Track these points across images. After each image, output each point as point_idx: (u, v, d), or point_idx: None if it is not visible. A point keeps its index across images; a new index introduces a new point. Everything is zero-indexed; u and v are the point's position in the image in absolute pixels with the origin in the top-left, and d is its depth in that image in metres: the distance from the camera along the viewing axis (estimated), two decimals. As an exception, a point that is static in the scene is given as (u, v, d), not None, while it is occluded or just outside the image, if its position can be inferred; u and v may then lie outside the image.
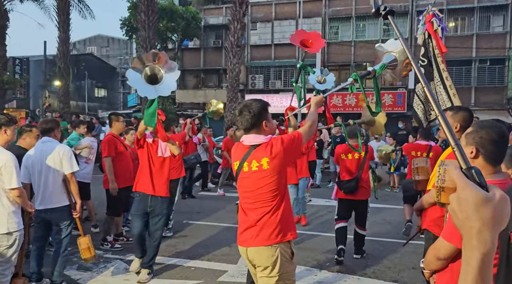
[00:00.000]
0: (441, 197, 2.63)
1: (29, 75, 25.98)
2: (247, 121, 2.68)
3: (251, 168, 2.68)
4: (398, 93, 21.89)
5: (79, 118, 16.03)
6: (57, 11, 19.01)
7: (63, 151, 4.08)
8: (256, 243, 2.64)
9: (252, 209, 2.70)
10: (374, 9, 1.14)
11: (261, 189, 2.65)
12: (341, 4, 23.69)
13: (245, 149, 2.74)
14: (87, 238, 4.25)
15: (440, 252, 1.87)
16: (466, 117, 3.11)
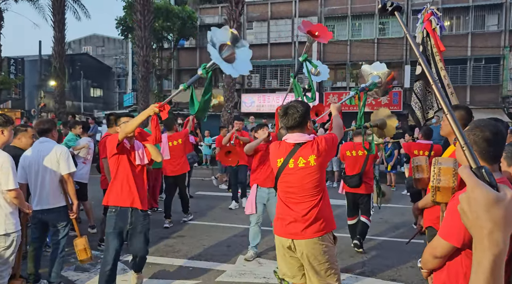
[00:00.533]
0: (436, 196, 2.65)
1: (24, 75, 25.83)
2: (295, 120, 2.89)
3: (297, 164, 2.90)
4: (394, 92, 21.95)
5: (74, 118, 15.96)
6: (52, 11, 18.92)
7: (60, 151, 4.06)
8: (307, 236, 2.87)
9: (297, 203, 2.92)
10: (380, 4, 1.11)
11: (307, 184, 2.89)
12: (337, 3, 23.73)
13: (290, 147, 2.96)
14: (84, 239, 4.23)
15: (437, 251, 1.88)
16: (464, 116, 3.13)
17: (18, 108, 28.24)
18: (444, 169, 2.62)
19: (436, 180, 2.62)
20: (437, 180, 2.61)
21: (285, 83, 24.24)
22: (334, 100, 22.57)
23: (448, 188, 2.60)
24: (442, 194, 2.61)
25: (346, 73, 23.97)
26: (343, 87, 23.77)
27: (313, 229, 2.87)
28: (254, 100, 23.91)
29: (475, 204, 0.74)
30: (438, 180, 2.60)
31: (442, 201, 2.71)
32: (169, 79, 26.96)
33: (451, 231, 1.77)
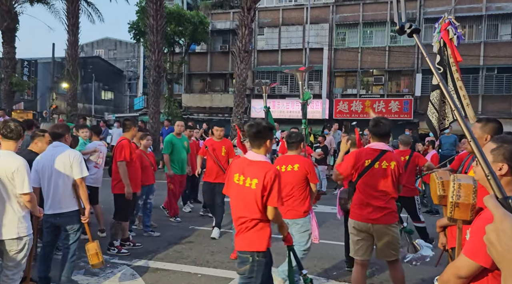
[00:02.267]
0: (454, 213, 2.60)
1: (37, 77, 26.19)
2: (387, 131, 3.80)
3: (381, 166, 3.75)
4: (405, 100, 21.84)
5: (85, 120, 16.11)
6: (66, 15, 19.18)
7: (74, 155, 4.09)
8: (386, 221, 3.75)
9: (375, 197, 3.75)
10: (398, 26, 1.10)
11: (386, 183, 3.74)
12: (348, 10, 23.72)
13: (376, 153, 3.79)
14: (95, 244, 4.25)
15: (461, 271, 1.79)
16: (496, 129, 3.01)
17: (30, 109, 28.63)
18: (464, 186, 2.56)
19: (456, 196, 2.56)
20: (457, 196, 2.55)
21: (295, 89, 24.23)
22: (344, 107, 22.52)
23: (468, 205, 2.54)
24: (461, 210, 2.55)
25: (356, 80, 23.90)
26: (353, 94, 23.70)
27: (390, 218, 3.76)
28: (264, 106, 23.93)
29: (505, 237, 0.72)
30: (457, 197, 2.55)
31: (460, 218, 2.64)
32: (179, 83, 27.12)
33: (480, 250, 1.69)
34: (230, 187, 3.22)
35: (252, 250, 3.02)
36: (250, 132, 3.11)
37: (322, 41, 23.82)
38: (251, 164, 3.09)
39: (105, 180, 7.26)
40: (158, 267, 5.15)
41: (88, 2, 21.48)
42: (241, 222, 3.09)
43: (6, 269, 3.47)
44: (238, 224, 3.11)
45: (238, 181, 3.11)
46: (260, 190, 2.96)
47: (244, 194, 3.05)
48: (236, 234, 3.16)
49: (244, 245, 3.06)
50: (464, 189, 2.60)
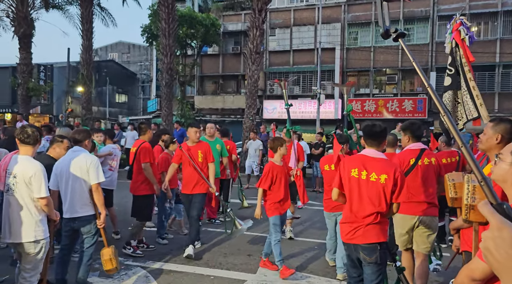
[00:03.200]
0: (470, 215, 2.56)
1: (53, 82, 26.65)
2: (422, 132, 4.44)
3: (424, 162, 4.14)
4: (419, 99, 21.59)
5: (100, 123, 16.34)
6: (81, 20, 19.50)
7: (91, 161, 4.16)
8: (431, 213, 4.14)
9: (421, 193, 4.12)
10: (383, 30, 1.07)
11: (430, 178, 4.14)
12: (360, 9, 23.57)
13: (417, 152, 4.18)
14: (110, 249, 4.30)
15: (475, 273, 1.77)
16: (508, 129, 2.92)
17: (46, 113, 29.13)
18: (478, 188, 2.52)
19: (471, 199, 2.51)
20: (472, 199, 2.51)
21: (307, 90, 24.18)
22: (356, 107, 22.36)
23: None
24: (476, 213, 2.51)
25: (369, 80, 23.72)
26: (366, 94, 23.53)
27: (435, 210, 4.18)
28: (276, 107, 23.95)
29: (504, 244, 0.71)
30: (472, 199, 2.50)
31: (476, 220, 2.60)
32: (192, 85, 27.31)
33: None
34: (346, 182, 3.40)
35: (380, 241, 3.29)
36: (372, 131, 3.38)
37: (334, 41, 23.71)
38: (373, 160, 3.33)
39: (119, 183, 7.36)
40: (172, 269, 5.20)
41: (101, 7, 21.82)
42: (365, 216, 3.29)
43: (23, 271, 3.55)
44: (361, 218, 3.30)
45: (359, 176, 3.32)
46: (391, 185, 3.24)
47: (368, 188, 3.28)
48: (356, 228, 3.31)
49: (371, 236, 3.29)
50: (479, 191, 2.56)
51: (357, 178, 3.33)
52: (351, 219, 3.35)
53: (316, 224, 7.78)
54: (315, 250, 6.10)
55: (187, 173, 5.76)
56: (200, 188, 5.75)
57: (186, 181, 5.81)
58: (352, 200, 3.37)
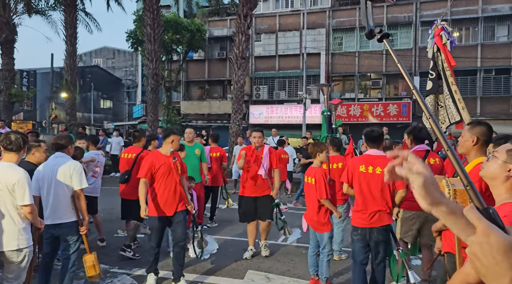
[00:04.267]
0: None
1: (36, 88, 26.26)
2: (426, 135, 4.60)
3: (429, 162, 4.43)
4: (403, 103, 21.90)
5: (84, 130, 16.13)
6: (64, 25, 19.28)
7: (74, 167, 4.11)
8: None
9: None
10: (367, 30, 1.05)
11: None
12: (344, 15, 23.86)
13: (422, 153, 4.50)
14: (93, 256, 4.25)
15: (470, 278, 1.77)
16: (484, 131, 3.07)
17: (29, 119, 28.64)
18: (460, 192, 2.53)
19: None
20: None
21: (293, 95, 24.32)
22: (342, 111, 22.55)
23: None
24: None
25: (354, 84, 23.98)
26: (352, 98, 23.77)
27: None
28: (262, 112, 24.01)
29: (491, 250, 0.70)
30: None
31: None
32: (178, 91, 27.21)
33: None
34: (356, 177, 4.11)
35: (389, 223, 4.08)
36: (372, 135, 4.13)
37: (319, 46, 23.93)
38: (376, 158, 4.06)
39: (104, 189, 7.28)
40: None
41: (85, 12, 21.64)
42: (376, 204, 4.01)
43: (6, 280, 3.48)
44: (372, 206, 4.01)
45: (366, 170, 4.04)
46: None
47: (375, 180, 4.00)
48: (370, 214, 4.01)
49: (384, 220, 4.03)
50: (460, 195, 2.57)
51: (365, 173, 4.05)
52: (363, 207, 4.03)
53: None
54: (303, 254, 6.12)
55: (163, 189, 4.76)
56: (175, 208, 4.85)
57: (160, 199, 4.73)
58: (363, 191, 4.05)
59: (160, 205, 4.67)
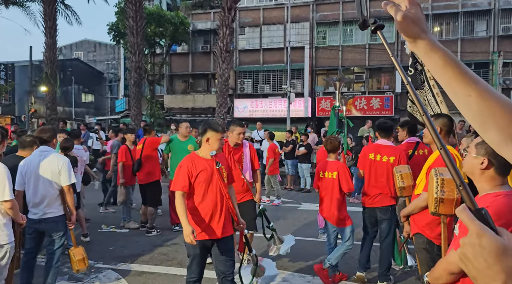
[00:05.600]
0: (439, 208, 2.65)
1: (15, 81, 25.59)
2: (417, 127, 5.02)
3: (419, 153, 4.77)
4: (386, 97, 22.15)
5: (65, 124, 15.83)
6: (43, 17, 18.78)
7: (62, 162, 4.04)
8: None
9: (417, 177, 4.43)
10: (360, 20, 1.02)
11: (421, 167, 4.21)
12: (328, 9, 23.93)
13: (413, 145, 4.80)
14: (81, 249, 4.22)
15: (453, 266, 1.80)
16: (446, 122, 3.39)
17: (8, 114, 27.96)
18: (447, 181, 2.59)
19: (440, 192, 2.59)
20: (441, 192, 2.58)
21: (277, 88, 24.33)
22: (326, 105, 22.70)
23: (452, 200, 2.59)
24: (446, 206, 2.59)
25: (338, 79, 24.12)
26: (335, 92, 23.90)
27: None
28: (247, 105, 23.97)
29: (483, 253, 0.69)
30: (442, 192, 2.58)
31: (445, 213, 2.69)
32: (161, 84, 26.92)
33: None
34: (366, 163, 4.61)
35: (391, 204, 4.58)
36: (384, 126, 4.63)
37: (303, 39, 23.96)
38: (385, 147, 4.53)
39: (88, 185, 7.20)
40: (144, 270, 5.12)
41: (65, 4, 21.11)
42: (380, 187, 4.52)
43: (-13, 278, 3.41)
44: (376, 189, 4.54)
45: (375, 158, 4.52)
46: (396, 163, 4.35)
47: (381, 166, 4.48)
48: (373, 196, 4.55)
49: (386, 201, 4.55)
50: (447, 184, 2.65)
51: (373, 160, 4.53)
52: (368, 190, 4.60)
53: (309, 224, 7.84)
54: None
55: None
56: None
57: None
58: (370, 176, 4.56)
59: (200, 225, 3.49)
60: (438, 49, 0.92)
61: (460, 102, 0.91)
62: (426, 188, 3.09)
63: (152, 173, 6.90)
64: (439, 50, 0.92)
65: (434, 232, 3.22)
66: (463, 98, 0.90)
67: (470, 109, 0.90)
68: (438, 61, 0.92)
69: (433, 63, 0.93)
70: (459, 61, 0.92)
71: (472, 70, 0.91)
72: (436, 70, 0.93)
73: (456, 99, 0.91)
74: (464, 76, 0.90)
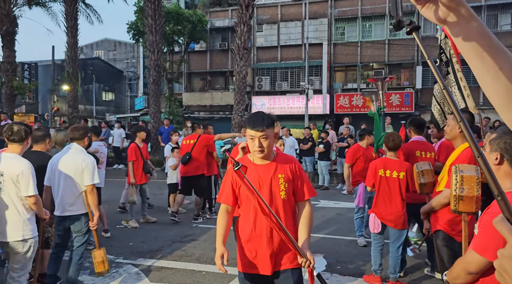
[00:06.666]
0: (459, 206, 2.60)
1: (38, 80, 26.21)
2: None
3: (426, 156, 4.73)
4: (406, 93, 21.80)
5: (86, 122, 16.14)
6: (65, 17, 19.17)
7: (87, 162, 4.11)
8: None
9: None
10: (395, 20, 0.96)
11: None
12: (347, 4, 23.65)
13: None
14: (102, 251, 4.26)
15: (471, 266, 1.78)
16: (468, 119, 3.34)
17: (32, 112, 28.69)
18: (467, 178, 2.54)
19: (459, 189, 2.54)
20: (460, 189, 2.53)
21: (295, 85, 24.23)
22: (344, 101, 22.48)
23: (472, 198, 2.53)
24: (465, 203, 2.54)
25: (356, 75, 23.86)
26: (354, 88, 23.66)
27: None
28: (265, 102, 23.95)
29: None
30: (461, 189, 2.53)
31: (465, 211, 2.64)
32: (179, 82, 27.14)
33: (489, 246, 1.68)
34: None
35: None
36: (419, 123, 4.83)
37: (321, 36, 23.77)
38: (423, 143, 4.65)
39: (108, 181, 7.32)
40: (163, 265, 5.19)
41: (86, 4, 21.48)
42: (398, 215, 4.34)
43: (12, 271, 3.50)
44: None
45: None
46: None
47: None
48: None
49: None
50: (467, 181, 2.59)
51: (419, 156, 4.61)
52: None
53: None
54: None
55: None
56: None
57: None
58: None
59: (247, 253, 2.65)
60: (477, 18, 0.87)
61: (489, 74, 0.85)
62: (448, 185, 3.04)
63: (199, 167, 7.43)
64: (478, 19, 0.87)
65: (455, 229, 3.17)
66: (493, 70, 0.84)
67: (498, 83, 0.84)
68: (476, 28, 0.86)
69: (471, 31, 0.87)
70: (493, 34, 0.88)
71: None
72: (472, 39, 0.87)
73: (484, 71, 0.86)
74: (499, 48, 0.86)
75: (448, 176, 3.14)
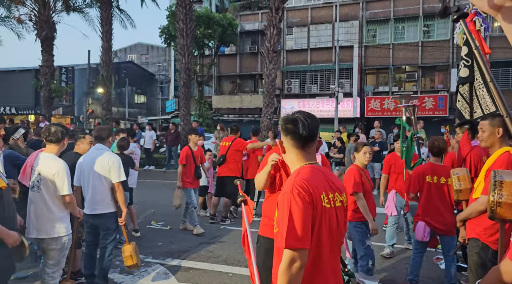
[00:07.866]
0: (496, 212, 2.48)
1: (74, 83, 27.16)
2: None
3: None
4: (440, 96, 21.19)
5: (118, 124, 16.56)
6: (100, 22, 19.81)
7: (113, 160, 4.24)
8: None
9: None
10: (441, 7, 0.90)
11: None
12: (378, 6, 23.26)
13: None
14: (131, 246, 4.36)
15: (506, 276, 1.72)
16: (504, 121, 3.01)
17: (68, 114, 29.76)
18: (506, 183, 2.43)
19: (498, 195, 2.43)
20: (498, 195, 2.43)
21: (325, 88, 24.01)
22: (375, 105, 22.09)
23: (511, 204, 2.43)
24: (504, 210, 2.43)
25: (388, 78, 23.40)
26: (385, 91, 23.21)
27: None
28: (294, 106, 23.84)
29: None
30: (499, 195, 2.42)
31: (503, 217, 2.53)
32: (209, 85, 27.46)
33: None
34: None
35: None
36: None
37: (352, 38, 23.47)
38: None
39: (139, 182, 7.47)
40: (190, 266, 5.24)
41: (120, 9, 22.11)
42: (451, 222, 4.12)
43: (46, 267, 3.63)
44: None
45: (432, 180, 4.23)
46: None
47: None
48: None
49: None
50: (506, 187, 2.48)
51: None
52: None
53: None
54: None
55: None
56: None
57: None
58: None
59: None
60: None
61: None
62: (485, 191, 2.91)
63: (232, 169, 7.53)
64: None
65: (492, 237, 3.03)
66: None
67: None
68: None
69: None
70: None
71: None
72: None
73: None
74: None
75: (484, 182, 3.01)
